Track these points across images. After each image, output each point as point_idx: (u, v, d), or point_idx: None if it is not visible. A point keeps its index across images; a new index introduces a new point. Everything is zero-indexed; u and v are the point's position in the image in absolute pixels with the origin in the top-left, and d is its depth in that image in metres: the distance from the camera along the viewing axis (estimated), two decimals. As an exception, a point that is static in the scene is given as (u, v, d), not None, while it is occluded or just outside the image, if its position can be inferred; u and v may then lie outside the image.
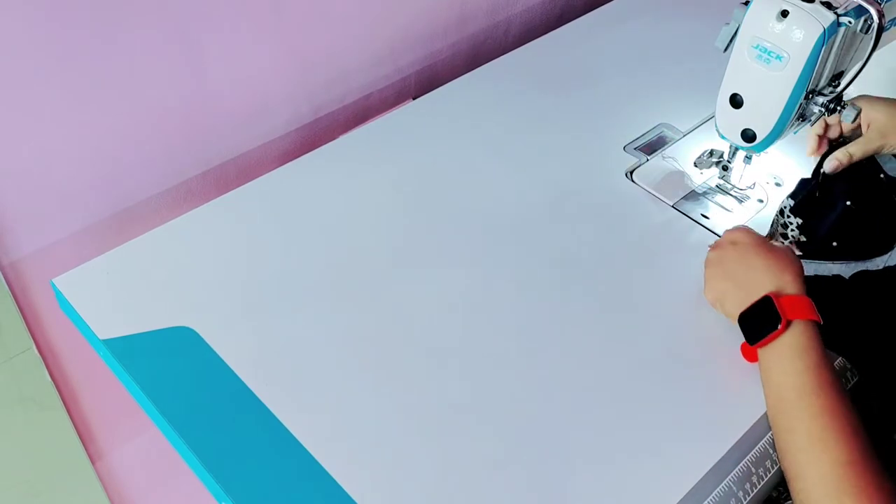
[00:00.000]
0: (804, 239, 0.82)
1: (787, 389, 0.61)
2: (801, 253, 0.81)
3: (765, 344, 0.62)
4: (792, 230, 0.82)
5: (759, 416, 0.66)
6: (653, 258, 0.80)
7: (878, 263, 0.80)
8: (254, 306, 0.74)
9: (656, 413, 0.67)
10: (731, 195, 0.87)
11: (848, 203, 0.82)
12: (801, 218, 0.82)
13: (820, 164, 0.85)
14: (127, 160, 0.84)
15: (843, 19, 0.71)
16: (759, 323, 0.63)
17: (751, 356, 0.67)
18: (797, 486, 0.59)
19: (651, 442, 0.65)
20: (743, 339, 0.67)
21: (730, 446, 0.64)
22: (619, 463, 0.64)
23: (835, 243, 0.81)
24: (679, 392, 0.68)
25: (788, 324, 0.62)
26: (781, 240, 0.83)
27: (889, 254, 0.81)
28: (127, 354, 0.70)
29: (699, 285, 0.77)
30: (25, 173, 0.77)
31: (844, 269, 0.79)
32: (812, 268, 0.79)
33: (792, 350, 0.61)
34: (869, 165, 0.86)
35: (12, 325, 0.84)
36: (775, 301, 0.64)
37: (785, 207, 0.83)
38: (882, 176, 0.85)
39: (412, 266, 0.78)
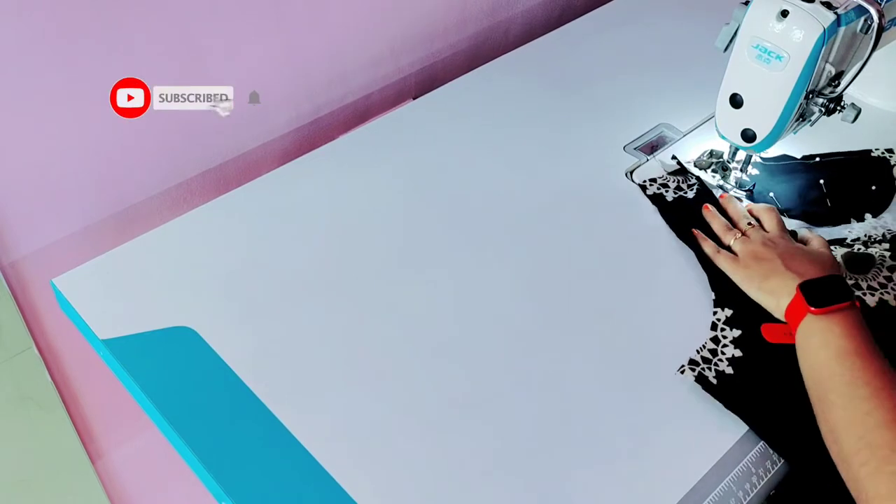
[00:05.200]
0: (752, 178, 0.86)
1: (845, 348, 0.64)
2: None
3: (830, 311, 0.67)
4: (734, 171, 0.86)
5: (759, 416, 0.67)
6: (652, 258, 0.80)
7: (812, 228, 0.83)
8: (254, 306, 0.74)
9: (656, 412, 0.67)
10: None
11: (822, 182, 0.86)
12: (761, 171, 0.87)
13: (811, 156, 0.89)
14: (127, 160, 0.84)
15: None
16: (826, 294, 0.69)
17: (776, 336, 0.72)
18: (835, 446, 0.61)
19: (651, 441, 0.65)
20: (762, 324, 0.73)
21: (730, 446, 0.64)
22: (619, 463, 0.64)
23: (772, 193, 0.85)
24: (679, 391, 0.68)
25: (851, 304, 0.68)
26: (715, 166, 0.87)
27: (831, 228, 0.83)
28: (127, 354, 0.70)
29: (698, 285, 0.77)
30: (26, 174, 0.77)
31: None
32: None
33: (853, 319, 0.66)
34: (867, 173, 0.88)
35: (12, 325, 0.84)
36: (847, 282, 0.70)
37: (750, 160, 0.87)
38: (873, 188, 0.85)
39: (412, 266, 0.78)
